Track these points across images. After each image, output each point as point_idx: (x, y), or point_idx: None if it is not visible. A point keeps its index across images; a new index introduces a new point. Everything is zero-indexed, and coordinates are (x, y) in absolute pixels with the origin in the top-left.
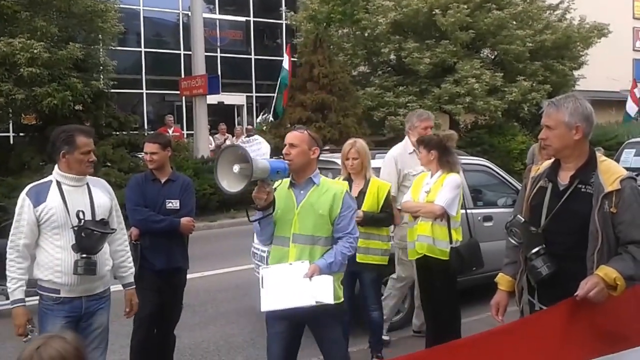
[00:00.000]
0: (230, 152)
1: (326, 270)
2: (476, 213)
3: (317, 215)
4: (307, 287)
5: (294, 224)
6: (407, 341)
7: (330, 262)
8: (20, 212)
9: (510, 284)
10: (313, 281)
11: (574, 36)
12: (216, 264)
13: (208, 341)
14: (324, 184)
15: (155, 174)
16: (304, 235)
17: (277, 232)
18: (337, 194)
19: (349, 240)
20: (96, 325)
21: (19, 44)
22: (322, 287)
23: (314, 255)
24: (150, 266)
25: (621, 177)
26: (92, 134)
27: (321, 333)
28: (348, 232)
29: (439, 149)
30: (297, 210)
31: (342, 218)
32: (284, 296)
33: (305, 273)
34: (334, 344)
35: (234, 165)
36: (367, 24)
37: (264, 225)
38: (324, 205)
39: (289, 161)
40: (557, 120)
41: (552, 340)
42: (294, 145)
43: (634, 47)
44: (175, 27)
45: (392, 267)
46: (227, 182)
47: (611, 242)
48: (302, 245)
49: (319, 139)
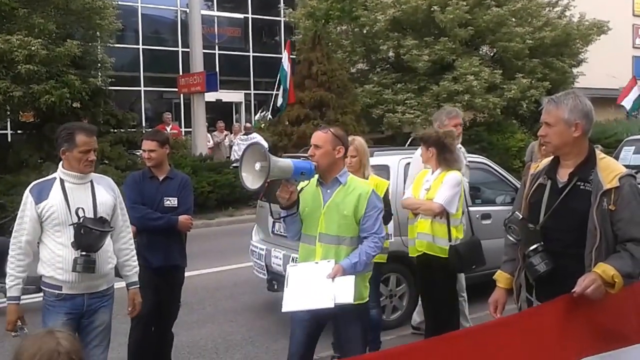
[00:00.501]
0: (254, 149)
1: (350, 271)
2: (475, 211)
3: (341, 215)
4: (328, 288)
5: (320, 223)
6: (405, 340)
7: (355, 262)
8: (23, 209)
9: (508, 281)
10: (335, 282)
11: (574, 33)
12: (214, 262)
13: (206, 339)
14: (351, 183)
15: (153, 171)
16: (330, 235)
17: (305, 229)
18: (362, 194)
19: (374, 240)
20: (98, 323)
21: (16, 41)
22: (343, 287)
23: (339, 254)
24: (147, 264)
25: (620, 175)
26: (94, 133)
27: (339, 329)
28: (374, 232)
29: (437, 146)
30: (323, 210)
31: (368, 218)
32: (304, 297)
33: (328, 273)
34: (348, 342)
35: (256, 162)
36: (366, 21)
37: (288, 223)
38: (349, 205)
39: (314, 162)
40: (557, 117)
41: (548, 334)
42: (318, 147)
43: (633, 45)
44: (173, 24)
45: (391, 264)
46: (250, 178)
47: (609, 239)
48: (327, 244)
49: (345, 137)
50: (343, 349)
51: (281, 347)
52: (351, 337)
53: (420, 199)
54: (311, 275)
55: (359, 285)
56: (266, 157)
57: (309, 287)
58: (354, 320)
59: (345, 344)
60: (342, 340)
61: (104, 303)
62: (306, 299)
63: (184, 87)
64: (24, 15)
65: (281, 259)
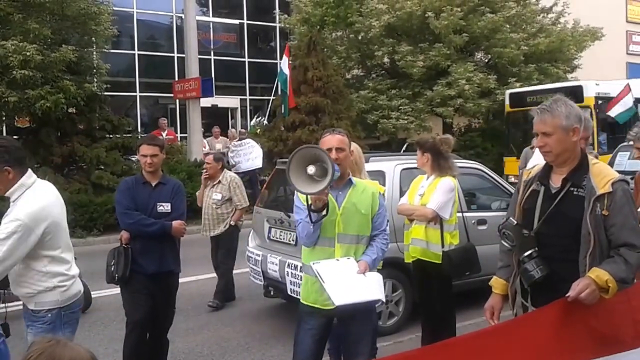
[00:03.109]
0: (305, 152)
1: (372, 266)
2: (470, 216)
3: (360, 215)
4: (366, 282)
5: (338, 224)
6: (402, 346)
7: (375, 258)
8: None
9: (504, 287)
10: (367, 277)
11: (568, 40)
12: (210, 268)
13: (202, 345)
14: (359, 183)
15: (146, 177)
16: (349, 235)
17: (321, 233)
18: (374, 193)
19: (384, 236)
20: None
21: (11, 47)
22: (375, 283)
23: (357, 253)
24: (141, 270)
25: (613, 180)
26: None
27: (349, 329)
28: (383, 229)
29: (433, 152)
30: (339, 212)
31: (378, 216)
32: (352, 290)
33: (358, 269)
34: (357, 343)
35: (308, 166)
36: (361, 27)
37: (317, 227)
38: (366, 204)
39: (339, 165)
40: (554, 125)
41: (544, 340)
42: (342, 149)
43: (627, 51)
44: (168, 30)
45: (387, 270)
46: (300, 182)
47: (603, 244)
48: (347, 244)
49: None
50: (350, 349)
51: (277, 353)
52: (361, 337)
53: (414, 205)
54: (341, 271)
55: None
56: (325, 160)
57: (348, 281)
58: (366, 319)
59: (354, 345)
60: (350, 341)
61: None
62: (354, 292)
63: (179, 92)
64: (19, 20)
65: (277, 265)
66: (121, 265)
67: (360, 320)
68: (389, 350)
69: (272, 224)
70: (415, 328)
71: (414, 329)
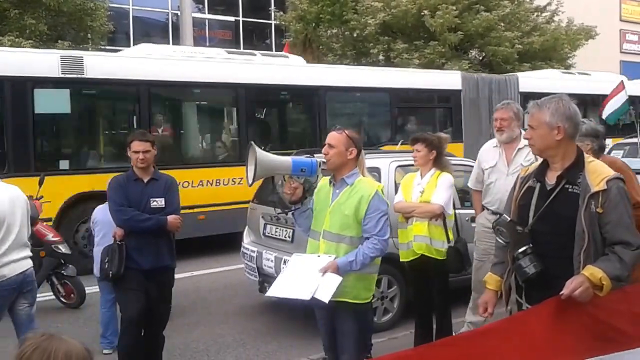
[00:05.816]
0: (251, 148)
1: (345, 268)
2: (463, 213)
3: (342, 215)
4: (313, 281)
5: (326, 220)
6: (396, 342)
7: (351, 260)
8: None
9: (498, 283)
10: (324, 277)
11: (562, 38)
12: (206, 264)
13: (198, 341)
14: (358, 185)
15: (138, 173)
16: (332, 233)
17: (313, 226)
18: (364, 196)
19: (374, 241)
20: None
21: (7, 42)
22: (327, 284)
23: (339, 252)
24: (137, 266)
25: (608, 178)
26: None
27: (335, 324)
28: (374, 233)
29: (439, 149)
30: (329, 208)
31: (369, 219)
32: (288, 286)
33: (321, 267)
34: (342, 336)
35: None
36: (356, 25)
37: (296, 217)
38: (350, 206)
39: (327, 160)
40: (539, 120)
41: (538, 338)
42: (332, 146)
43: (621, 49)
44: (164, 27)
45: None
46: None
47: (598, 242)
48: (329, 241)
49: (358, 139)
50: (336, 342)
51: (272, 349)
52: (345, 332)
53: (413, 202)
54: (307, 267)
55: (357, 286)
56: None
57: (299, 277)
58: (350, 317)
59: (339, 337)
60: (337, 334)
61: None
62: (289, 288)
63: None
64: (15, 16)
65: (272, 261)
66: (115, 262)
67: (346, 318)
68: (383, 346)
69: (267, 220)
70: (410, 325)
71: (408, 325)
